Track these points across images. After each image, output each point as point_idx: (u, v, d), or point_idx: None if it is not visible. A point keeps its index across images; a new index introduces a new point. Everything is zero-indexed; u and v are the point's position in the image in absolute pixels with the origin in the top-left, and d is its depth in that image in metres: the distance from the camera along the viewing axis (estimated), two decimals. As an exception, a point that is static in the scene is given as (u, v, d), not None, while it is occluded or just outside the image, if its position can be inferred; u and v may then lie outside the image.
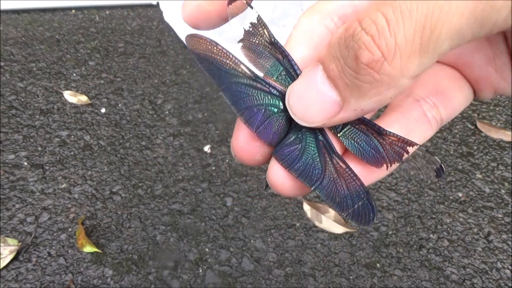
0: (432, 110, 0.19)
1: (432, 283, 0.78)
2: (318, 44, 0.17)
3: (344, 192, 0.17)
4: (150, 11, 1.42)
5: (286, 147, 0.17)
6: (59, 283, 0.75)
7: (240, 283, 0.76)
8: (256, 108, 0.18)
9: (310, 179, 0.17)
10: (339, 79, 0.14)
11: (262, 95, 0.18)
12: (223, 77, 0.18)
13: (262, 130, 0.17)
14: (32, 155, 0.96)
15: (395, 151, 0.17)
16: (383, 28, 0.12)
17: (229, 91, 0.18)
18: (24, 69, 1.18)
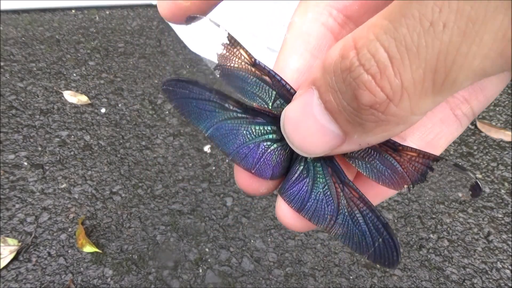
0: (462, 106, 0.16)
1: (432, 283, 0.78)
2: (316, 49, 0.15)
3: (361, 227, 0.15)
4: (150, 11, 1.42)
5: (294, 184, 0.15)
6: (59, 283, 0.75)
7: (240, 283, 0.76)
8: (249, 145, 0.15)
9: (324, 220, 0.15)
10: (339, 114, 0.12)
11: (255, 128, 0.15)
12: (209, 118, 0.15)
13: (260, 167, 0.16)
14: (32, 155, 0.96)
15: (416, 169, 0.14)
16: (385, 67, 0.10)
17: (216, 133, 0.15)
18: (24, 69, 1.18)
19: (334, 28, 0.15)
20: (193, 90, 0.16)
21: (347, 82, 0.11)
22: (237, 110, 0.15)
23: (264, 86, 0.15)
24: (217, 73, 0.16)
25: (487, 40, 0.09)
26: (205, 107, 0.15)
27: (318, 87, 0.12)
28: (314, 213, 0.15)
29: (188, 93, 0.16)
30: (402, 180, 0.14)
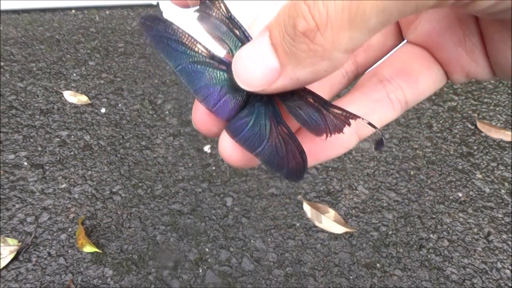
0: (396, 92, 0.18)
1: (432, 283, 0.78)
2: None
3: (282, 153, 0.17)
4: (150, 11, 1.42)
5: (239, 121, 0.18)
6: (59, 283, 0.75)
7: (240, 283, 0.76)
8: (212, 87, 0.18)
9: (253, 146, 0.17)
10: (280, 45, 0.14)
11: (219, 73, 0.18)
12: (179, 58, 0.18)
13: (219, 108, 0.18)
14: (32, 155, 0.96)
15: (337, 124, 0.17)
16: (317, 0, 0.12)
17: (185, 72, 0.18)
18: (24, 69, 1.18)
19: None
20: (168, 30, 0.17)
21: (291, 14, 0.13)
22: (205, 56, 0.18)
23: (233, 37, 0.17)
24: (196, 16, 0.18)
25: None
26: (177, 47, 0.17)
27: (270, 28, 0.14)
28: (246, 141, 0.17)
29: (163, 32, 0.17)
30: (323, 130, 0.17)
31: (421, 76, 0.18)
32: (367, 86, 0.19)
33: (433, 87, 0.19)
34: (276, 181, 0.94)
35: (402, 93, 0.18)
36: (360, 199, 0.91)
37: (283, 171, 0.18)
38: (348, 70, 0.20)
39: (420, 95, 0.19)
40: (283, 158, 0.17)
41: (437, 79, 0.19)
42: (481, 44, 0.17)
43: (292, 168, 0.17)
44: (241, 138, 0.17)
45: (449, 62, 0.18)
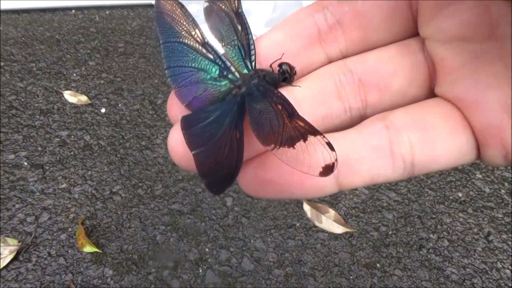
0: (402, 146, 0.14)
1: (432, 283, 0.78)
2: (296, 35, 0.16)
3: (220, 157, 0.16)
4: (150, 11, 1.42)
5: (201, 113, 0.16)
6: (59, 283, 0.75)
7: (240, 283, 0.76)
8: (187, 68, 0.17)
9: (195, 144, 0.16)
10: None
11: (201, 59, 0.17)
12: (171, 35, 0.18)
13: (184, 90, 0.17)
14: (32, 155, 0.96)
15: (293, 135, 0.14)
16: None
17: (170, 47, 0.18)
18: (24, 69, 1.18)
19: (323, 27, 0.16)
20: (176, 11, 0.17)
21: None
22: (199, 39, 0.17)
23: (233, 32, 0.17)
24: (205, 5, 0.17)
25: None
26: (175, 26, 0.17)
27: None
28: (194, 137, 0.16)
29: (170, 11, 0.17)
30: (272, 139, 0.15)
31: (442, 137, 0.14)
32: (368, 127, 0.15)
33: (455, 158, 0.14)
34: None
35: (410, 150, 0.14)
36: (360, 199, 0.91)
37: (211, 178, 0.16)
38: (353, 106, 0.16)
39: (433, 162, 0.14)
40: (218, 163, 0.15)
41: (463, 149, 0.14)
42: None
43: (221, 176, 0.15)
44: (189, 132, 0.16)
45: (486, 130, 0.13)
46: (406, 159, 0.14)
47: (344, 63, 0.15)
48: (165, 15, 0.18)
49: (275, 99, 0.15)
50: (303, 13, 0.16)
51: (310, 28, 0.16)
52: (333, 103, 0.16)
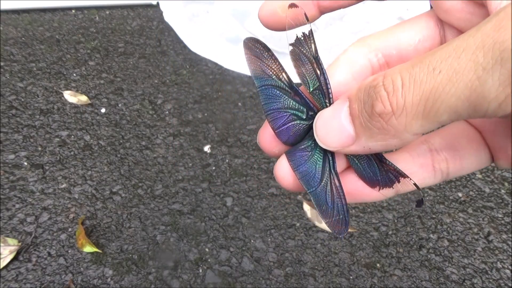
0: (441, 163, 0.20)
1: (432, 283, 0.78)
2: (357, 73, 0.20)
3: (330, 204, 0.20)
4: (150, 11, 1.42)
5: (299, 151, 0.20)
6: (59, 283, 0.75)
7: (240, 283, 0.76)
8: (282, 111, 0.20)
9: (308, 184, 0.20)
10: (357, 118, 0.16)
11: (291, 102, 0.20)
12: (264, 79, 0.20)
13: (282, 131, 0.20)
14: (32, 155, 0.96)
15: (389, 178, 0.19)
16: (398, 89, 0.14)
17: (265, 92, 0.20)
18: (24, 69, 1.18)
19: (375, 65, 0.20)
20: (264, 54, 0.20)
21: (370, 95, 0.15)
22: (286, 84, 0.20)
23: (313, 75, 0.20)
24: (289, 48, 0.20)
25: (462, 87, 0.13)
26: (265, 70, 0.20)
27: (351, 98, 0.17)
28: (303, 177, 0.20)
29: (259, 54, 0.20)
30: (377, 182, 0.19)
31: (468, 155, 0.20)
32: (416, 150, 0.20)
33: (477, 166, 0.20)
34: (276, 181, 0.94)
35: (446, 165, 0.20)
36: (360, 199, 0.91)
37: (328, 221, 0.20)
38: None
39: (462, 171, 0.20)
40: (330, 208, 0.19)
41: (482, 161, 0.20)
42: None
43: (336, 221, 0.19)
44: (299, 172, 0.20)
45: (498, 149, 0.19)
46: (443, 172, 0.20)
47: None
48: (255, 59, 0.20)
49: None
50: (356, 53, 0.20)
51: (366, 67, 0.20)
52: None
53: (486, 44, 0.12)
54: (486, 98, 0.12)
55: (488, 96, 0.12)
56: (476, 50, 0.13)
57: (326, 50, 1.24)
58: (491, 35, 0.12)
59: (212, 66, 1.22)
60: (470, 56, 0.13)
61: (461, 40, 0.13)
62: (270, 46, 0.21)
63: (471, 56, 0.13)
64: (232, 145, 1.01)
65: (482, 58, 0.12)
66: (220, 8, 1.35)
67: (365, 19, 1.34)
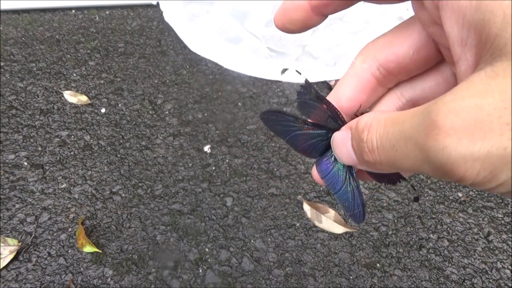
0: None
1: (432, 283, 0.78)
2: (363, 87, 0.23)
3: (351, 200, 0.25)
4: (150, 11, 1.42)
5: (324, 161, 0.25)
6: (59, 283, 0.75)
7: (240, 283, 0.76)
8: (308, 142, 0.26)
9: (333, 187, 0.25)
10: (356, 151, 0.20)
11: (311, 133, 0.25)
12: (287, 132, 0.26)
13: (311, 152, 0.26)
14: (32, 155, 0.96)
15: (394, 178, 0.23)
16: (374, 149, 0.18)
17: (292, 140, 0.26)
18: (24, 69, 1.18)
19: (379, 77, 0.23)
20: (279, 117, 0.25)
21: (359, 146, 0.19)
22: (303, 125, 0.25)
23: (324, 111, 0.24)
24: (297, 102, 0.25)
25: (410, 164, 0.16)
26: (285, 124, 0.26)
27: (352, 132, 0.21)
28: (330, 182, 0.25)
29: (275, 119, 0.26)
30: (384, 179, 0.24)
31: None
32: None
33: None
34: (276, 181, 0.94)
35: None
36: (360, 199, 0.91)
37: (350, 213, 0.25)
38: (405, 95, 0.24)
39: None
40: (351, 204, 0.25)
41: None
42: None
43: (356, 213, 0.25)
44: (326, 179, 0.25)
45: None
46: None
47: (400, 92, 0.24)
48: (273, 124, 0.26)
49: None
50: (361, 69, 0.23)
51: (371, 81, 0.23)
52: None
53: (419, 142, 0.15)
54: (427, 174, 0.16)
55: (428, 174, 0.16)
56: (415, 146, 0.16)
57: (326, 50, 1.24)
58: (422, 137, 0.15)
59: (212, 66, 1.22)
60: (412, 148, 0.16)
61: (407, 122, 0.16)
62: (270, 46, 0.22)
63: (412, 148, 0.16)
64: (232, 145, 1.01)
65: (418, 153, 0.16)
66: (220, 8, 1.35)
67: (365, 19, 1.34)
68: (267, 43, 1.26)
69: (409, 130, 0.16)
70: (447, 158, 0.14)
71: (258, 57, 1.22)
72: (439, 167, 0.14)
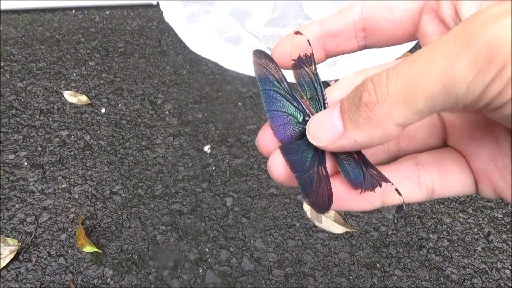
0: (426, 177, 0.21)
1: (432, 283, 0.78)
2: None
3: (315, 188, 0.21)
4: (150, 11, 1.42)
5: (292, 145, 0.22)
6: (59, 283, 0.75)
7: (240, 283, 0.76)
8: (281, 112, 0.23)
9: (295, 169, 0.21)
10: (346, 113, 0.18)
11: (290, 106, 0.23)
12: (267, 84, 0.23)
13: (279, 129, 0.23)
14: (32, 155, 0.96)
15: (372, 182, 0.20)
16: (382, 81, 0.16)
17: (267, 94, 0.24)
18: (24, 69, 1.18)
19: None
20: (269, 65, 0.23)
21: (359, 89, 0.17)
22: (286, 91, 0.23)
23: (312, 86, 0.23)
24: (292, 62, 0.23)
25: (436, 72, 0.14)
26: (269, 77, 0.23)
27: (342, 99, 0.19)
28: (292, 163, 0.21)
29: (265, 64, 0.23)
30: (360, 185, 0.21)
31: (452, 173, 0.21)
32: (403, 163, 0.22)
33: (461, 189, 0.21)
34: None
35: (431, 180, 0.21)
36: (360, 199, 0.91)
37: (311, 199, 0.21)
38: (390, 149, 0.23)
39: (447, 190, 0.21)
40: (314, 191, 0.21)
41: (466, 184, 0.21)
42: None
43: (318, 202, 0.21)
44: (289, 158, 0.22)
45: (480, 173, 0.20)
46: (428, 187, 0.21)
47: None
48: (260, 66, 0.24)
49: None
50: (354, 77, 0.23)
51: None
52: (378, 148, 0.23)
53: (457, 36, 0.14)
54: (456, 80, 0.14)
55: (458, 78, 0.14)
56: (448, 42, 0.14)
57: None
58: (460, 30, 0.14)
59: (212, 66, 1.22)
60: (444, 47, 0.14)
61: (437, 39, 0.15)
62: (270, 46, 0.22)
63: (444, 47, 0.14)
64: (232, 145, 1.01)
65: (453, 47, 0.14)
66: (220, 8, 1.35)
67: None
68: (267, 43, 1.26)
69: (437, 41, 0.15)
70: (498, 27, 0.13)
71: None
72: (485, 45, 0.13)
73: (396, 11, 0.21)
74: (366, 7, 0.21)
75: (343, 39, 0.22)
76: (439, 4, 0.19)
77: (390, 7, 0.21)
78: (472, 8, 0.18)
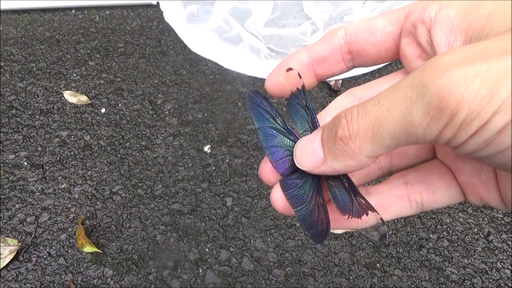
0: (415, 195, 0.23)
1: (432, 283, 0.78)
2: None
3: (314, 218, 0.23)
4: (150, 11, 1.42)
5: (291, 180, 0.23)
6: (59, 283, 0.75)
7: (240, 283, 0.76)
8: (279, 148, 0.24)
9: (295, 204, 0.23)
10: (326, 142, 0.20)
11: (286, 140, 0.24)
12: (263, 121, 0.25)
13: (278, 164, 0.24)
14: (32, 155, 0.96)
15: (359, 211, 0.22)
16: (354, 117, 0.18)
17: (264, 132, 0.25)
18: (24, 69, 1.18)
19: None
20: (263, 102, 0.25)
21: (335, 123, 0.19)
22: (281, 126, 0.25)
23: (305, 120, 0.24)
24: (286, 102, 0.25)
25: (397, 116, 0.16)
26: (264, 115, 0.25)
27: (323, 128, 0.21)
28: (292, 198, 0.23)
29: (259, 102, 0.25)
30: (347, 211, 0.22)
31: (439, 189, 0.23)
32: (393, 183, 0.24)
33: (449, 201, 0.23)
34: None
35: (421, 197, 0.23)
36: (360, 199, 0.91)
37: (310, 232, 0.23)
38: (383, 167, 0.25)
39: (435, 203, 0.23)
40: (313, 222, 0.22)
41: (454, 196, 0.23)
42: (495, 179, 0.21)
43: (317, 232, 0.22)
44: (288, 194, 0.23)
45: (466, 186, 0.22)
46: (418, 203, 0.23)
47: None
48: (256, 105, 0.25)
49: (342, 176, 0.22)
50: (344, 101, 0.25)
51: None
52: (372, 166, 0.25)
53: (413, 83, 0.15)
54: (414, 124, 0.15)
55: (415, 123, 0.15)
56: (407, 88, 0.16)
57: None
58: (416, 77, 0.16)
59: (212, 66, 1.22)
60: (403, 92, 0.16)
61: (399, 81, 0.17)
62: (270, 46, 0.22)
63: (403, 92, 0.16)
64: (232, 145, 1.01)
65: (410, 94, 0.15)
66: (220, 8, 1.35)
67: (365, 19, 1.34)
68: (267, 43, 1.26)
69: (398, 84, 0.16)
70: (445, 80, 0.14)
71: (258, 57, 1.22)
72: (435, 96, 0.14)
73: (378, 34, 0.22)
74: (349, 32, 0.23)
75: (331, 64, 0.23)
76: (416, 28, 0.21)
77: (371, 31, 0.22)
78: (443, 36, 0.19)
